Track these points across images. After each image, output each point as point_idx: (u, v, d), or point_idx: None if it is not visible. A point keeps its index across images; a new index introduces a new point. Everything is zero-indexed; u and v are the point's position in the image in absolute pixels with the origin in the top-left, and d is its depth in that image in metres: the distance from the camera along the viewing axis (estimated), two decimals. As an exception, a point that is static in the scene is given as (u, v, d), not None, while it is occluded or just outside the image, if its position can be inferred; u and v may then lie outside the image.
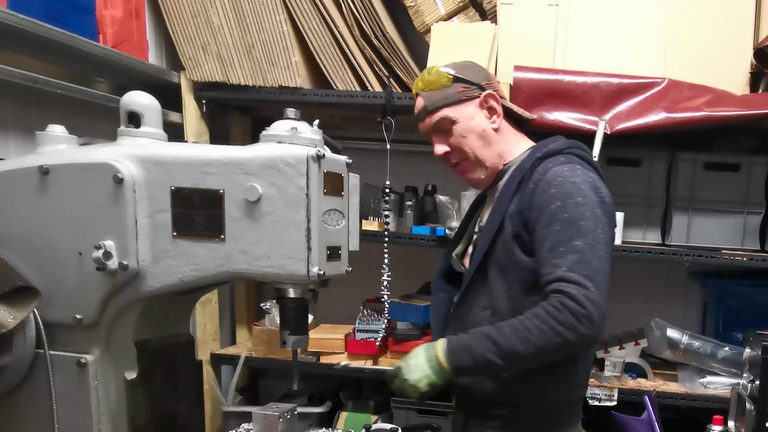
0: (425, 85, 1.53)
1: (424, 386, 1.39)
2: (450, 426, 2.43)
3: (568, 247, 1.33)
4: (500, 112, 1.54)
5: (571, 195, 1.36)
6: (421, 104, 1.54)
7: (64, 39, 1.83)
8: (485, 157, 1.53)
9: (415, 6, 2.41)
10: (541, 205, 1.38)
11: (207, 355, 2.59)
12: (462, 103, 1.51)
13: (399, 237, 2.43)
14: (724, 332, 2.58)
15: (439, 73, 1.52)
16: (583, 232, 1.34)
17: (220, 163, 1.18)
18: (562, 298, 1.31)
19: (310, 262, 1.19)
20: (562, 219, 1.35)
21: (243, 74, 2.36)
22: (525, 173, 1.45)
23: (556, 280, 1.33)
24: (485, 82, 1.54)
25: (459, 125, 1.51)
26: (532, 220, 1.40)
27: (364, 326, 2.50)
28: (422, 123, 1.56)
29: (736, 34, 2.29)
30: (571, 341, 1.31)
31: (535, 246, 1.39)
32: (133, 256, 1.20)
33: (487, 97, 1.52)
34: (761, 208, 2.40)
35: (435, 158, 1.59)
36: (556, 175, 1.39)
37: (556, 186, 1.38)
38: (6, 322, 1.17)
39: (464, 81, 1.52)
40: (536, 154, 1.47)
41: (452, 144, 1.54)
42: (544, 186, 1.39)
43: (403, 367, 1.42)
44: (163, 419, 1.36)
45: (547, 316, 1.31)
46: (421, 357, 1.41)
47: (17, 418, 1.29)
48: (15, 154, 1.79)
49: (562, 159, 1.44)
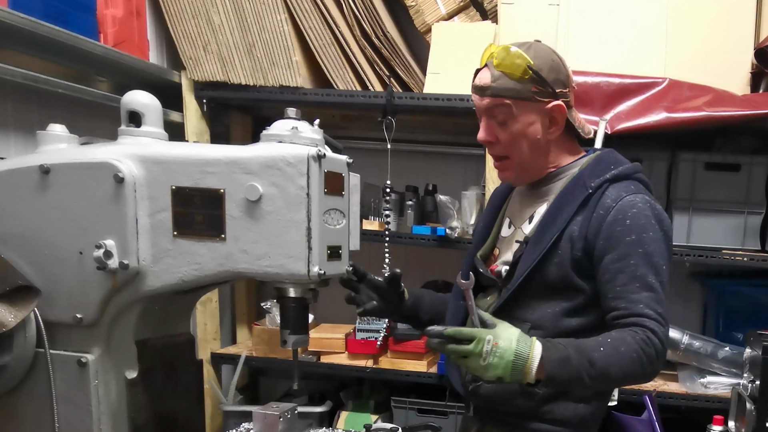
0: (500, 66, 1.37)
1: (492, 377, 1.26)
2: (452, 426, 2.44)
3: (644, 284, 1.34)
4: (561, 126, 1.43)
5: (646, 229, 1.35)
6: (486, 81, 1.39)
7: (64, 38, 1.83)
8: (529, 164, 1.45)
9: (415, 5, 2.41)
10: (614, 235, 1.35)
11: (207, 355, 2.59)
12: (529, 102, 1.39)
13: (399, 237, 2.44)
14: (725, 332, 2.58)
15: (521, 62, 1.36)
16: (656, 269, 1.35)
17: (220, 163, 1.18)
18: (648, 333, 1.30)
19: (310, 261, 1.19)
20: (638, 254, 1.34)
21: (244, 74, 2.36)
22: (591, 193, 1.38)
23: (637, 315, 1.32)
24: (560, 88, 1.41)
25: (516, 125, 1.40)
26: (600, 248, 1.36)
27: (364, 326, 2.50)
28: (479, 99, 1.41)
29: (737, 34, 2.29)
30: (648, 375, 1.33)
31: (602, 275, 1.36)
32: (134, 255, 1.20)
33: (555, 107, 1.40)
34: (762, 208, 2.40)
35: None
36: (630, 205, 1.36)
37: (631, 218, 1.35)
38: (6, 321, 1.17)
39: (541, 82, 1.38)
40: (605, 175, 1.40)
41: (500, 138, 1.42)
42: (617, 215, 1.36)
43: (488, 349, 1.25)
44: (164, 418, 1.36)
45: (638, 346, 1.29)
46: (509, 350, 1.25)
47: (17, 417, 1.29)
48: (15, 154, 1.79)
49: (632, 187, 1.40)
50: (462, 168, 2.77)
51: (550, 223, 1.41)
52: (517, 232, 1.50)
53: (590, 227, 1.37)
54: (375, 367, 2.50)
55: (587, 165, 1.45)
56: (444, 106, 2.31)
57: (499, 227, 1.57)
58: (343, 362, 2.52)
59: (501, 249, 1.53)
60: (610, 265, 1.35)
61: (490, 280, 1.51)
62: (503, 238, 1.54)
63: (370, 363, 2.49)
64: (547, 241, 1.39)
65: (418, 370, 2.47)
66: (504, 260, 1.50)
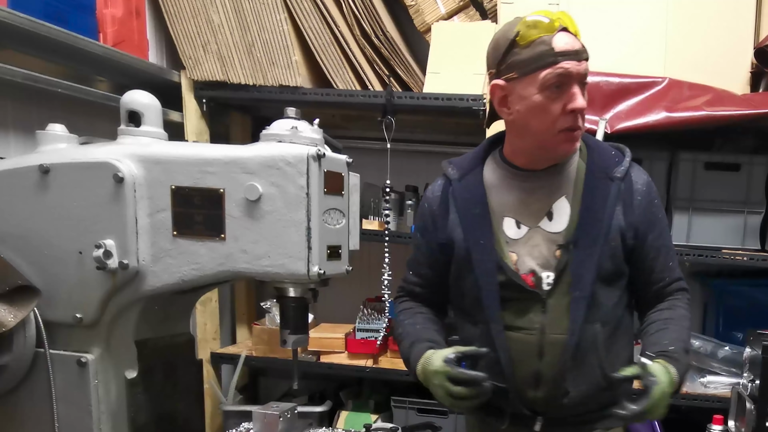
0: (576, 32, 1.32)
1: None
2: (452, 426, 2.44)
3: (672, 252, 1.48)
4: None
5: (660, 203, 1.47)
6: (579, 44, 1.31)
7: (64, 38, 1.83)
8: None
9: (415, 5, 2.41)
10: (652, 216, 1.43)
11: (207, 354, 2.59)
12: None
13: (399, 236, 2.43)
14: (725, 332, 2.58)
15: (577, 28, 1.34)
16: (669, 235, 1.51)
17: (220, 163, 1.18)
18: (687, 294, 1.48)
19: (310, 261, 1.19)
20: (665, 227, 1.47)
21: (243, 73, 2.36)
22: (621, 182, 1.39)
23: (676, 280, 1.46)
24: None
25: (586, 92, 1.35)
26: (644, 230, 1.42)
27: (364, 325, 2.50)
28: (576, 64, 1.29)
29: (737, 34, 2.29)
30: None
31: (647, 254, 1.43)
32: (134, 255, 1.20)
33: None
34: (761, 208, 2.40)
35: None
36: (650, 185, 1.44)
37: (656, 196, 1.45)
38: (6, 321, 1.17)
39: None
40: (623, 163, 1.41)
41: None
42: (649, 197, 1.43)
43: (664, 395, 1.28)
44: (164, 418, 1.36)
45: (689, 312, 1.45)
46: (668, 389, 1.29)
47: (17, 417, 1.29)
48: (15, 153, 1.79)
49: (639, 166, 1.46)
50: (462, 168, 2.76)
51: (593, 220, 1.37)
52: (537, 232, 1.38)
53: (635, 215, 1.40)
54: (375, 367, 2.50)
55: (587, 154, 1.43)
56: (444, 106, 2.31)
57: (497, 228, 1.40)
58: (342, 362, 2.52)
59: (519, 253, 1.39)
60: (654, 243, 1.42)
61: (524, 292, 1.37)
62: (514, 240, 1.39)
63: (370, 363, 2.49)
64: (600, 239, 1.36)
65: (418, 370, 2.47)
66: (530, 267, 1.38)
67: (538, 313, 1.37)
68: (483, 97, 2.25)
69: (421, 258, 1.52)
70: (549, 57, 1.27)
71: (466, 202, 1.42)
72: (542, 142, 1.34)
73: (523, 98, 1.31)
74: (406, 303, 1.56)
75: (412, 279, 1.55)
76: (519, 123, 1.35)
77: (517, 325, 1.38)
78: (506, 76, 1.32)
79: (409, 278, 1.56)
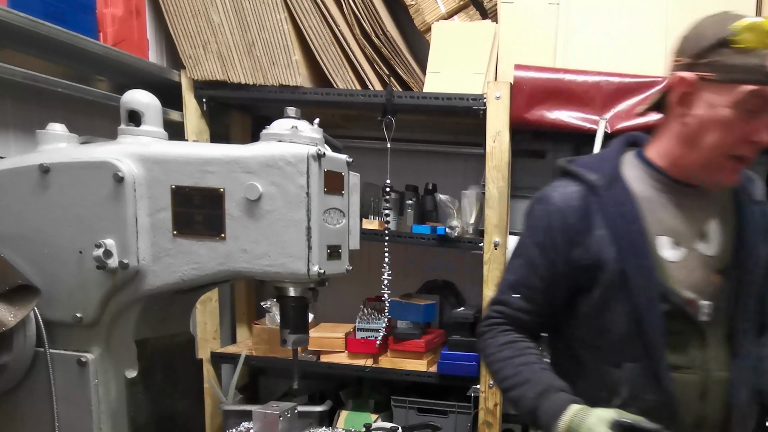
0: None
1: None
2: (452, 426, 2.44)
3: None
4: None
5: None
6: None
7: (64, 37, 1.83)
8: None
9: (415, 5, 2.41)
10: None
11: (207, 354, 2.59)
12: None
13: (399, 236, 2.43)
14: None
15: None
16: None
17: (220, 162, 1.18)
18: None
19: (310, 260, 1.19)
20: None
21: (243, 73, 2.36)
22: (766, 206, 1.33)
23: None
24: None
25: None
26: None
27: (364, 325, 2.50)
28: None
29: (737, 33, 2.29)
30: None
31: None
32: (134, 254, 1.20)
33: None
34: (762, 208, 2.40)
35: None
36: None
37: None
38: (6, 321, 1.17)
39: None
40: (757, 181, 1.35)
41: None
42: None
43: None
44: (164, 418, 1.36)
45: None
46: None
47: (17, 417, 1.29)
48: (15, 153, 1.79)
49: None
50: (462, 167, 2.76)
51: (752, 246, 1.26)
52: (693, 255, 1.24)
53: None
54: (375, 367, 2.50)
55: None
56: (444, 105, 2.31)
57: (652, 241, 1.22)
58: (342, 361, 2.52)
59: (677, 278, 1.22)
60: None
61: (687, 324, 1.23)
62: (671, 263, 1.22)
63: (370, 362, 2.49)
64: (759, 266, 1.27)
65: (418, 370, 2.47)
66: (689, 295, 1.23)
67: (696, 348, 1.23)
68: (483, 96, 2.25)
69: (536, 280, 1.28)
70: (761, 75, 1.11)
71: (620, 217, 1.22)
72: (707, 160, 1.20)
73: (711, 105, 1.15)
74: (509, 334, 1.31)
75: (518, 304, 1.30)
76: (692, 129, 1.19)
77: (678, 363, 1.21)
78: (702, 74, 1.15)
79: (514, 302, 1.31)
